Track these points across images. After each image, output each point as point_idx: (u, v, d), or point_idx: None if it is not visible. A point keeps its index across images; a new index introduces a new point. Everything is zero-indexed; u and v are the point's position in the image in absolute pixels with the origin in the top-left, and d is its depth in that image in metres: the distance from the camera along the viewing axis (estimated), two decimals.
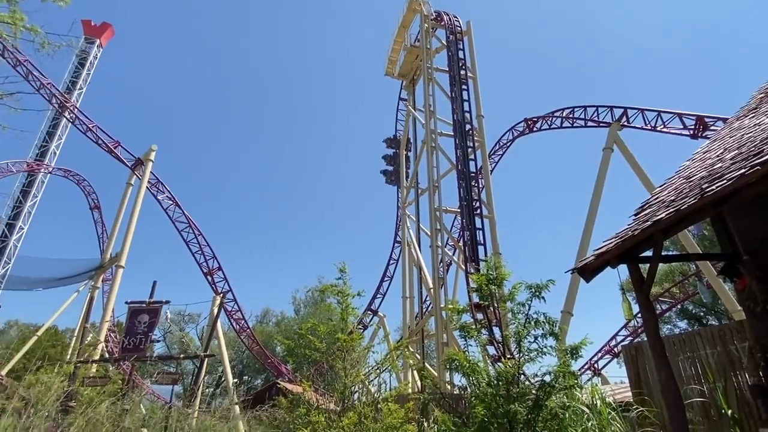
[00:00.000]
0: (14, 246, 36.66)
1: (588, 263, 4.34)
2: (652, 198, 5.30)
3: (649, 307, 4.23)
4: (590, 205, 20.92)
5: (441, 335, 19.38)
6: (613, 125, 22.64)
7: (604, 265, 4.33)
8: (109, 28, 47.05)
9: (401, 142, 32.57)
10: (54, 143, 40.00)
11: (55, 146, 40.11)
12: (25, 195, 38.07)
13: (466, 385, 5.47)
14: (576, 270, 4.61)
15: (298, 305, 58.02)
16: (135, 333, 10.43)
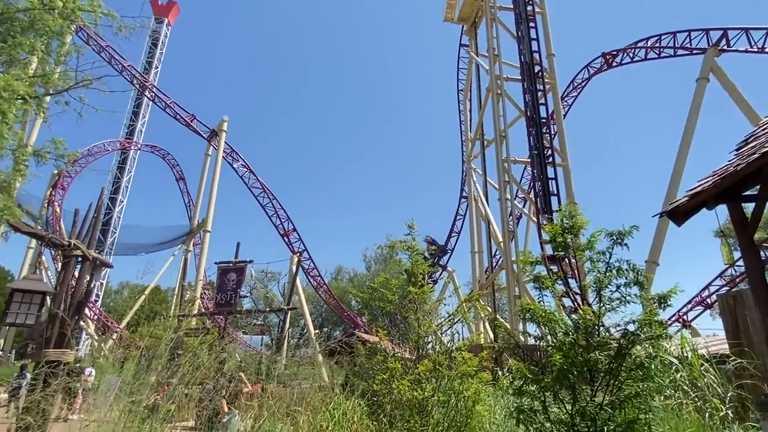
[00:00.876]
0: (118, 217, 41.28)
1: (680, 205, 3.94)
2: (758, 129, 4.63)
3: (753, 250, 3.79)
4: (681, 143, 18.89)
5: (513, 288, 19.12)
6: (708, 51, 19.85)
7: (700, 206, 3.91)
8: (175, 6, 48.97)
9: (464, 92, 31.21)
10: (139, 122, 43.53)
11: (140, 124, 43.67)
12: (122, 171, 42.27)
13: (542, 335, 5.37)
14: (666, 213, 4.22)
15: (368, 262, 60.11)
16: (225, 290, 11.49)
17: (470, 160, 28.20)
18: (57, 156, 12.41)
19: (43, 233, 4.30)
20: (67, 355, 3.79)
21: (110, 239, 39.89)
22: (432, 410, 6.26)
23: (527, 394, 4.89)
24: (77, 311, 4.05)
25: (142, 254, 39.73)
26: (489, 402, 7.20)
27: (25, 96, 10.90)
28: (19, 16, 10.68)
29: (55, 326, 3.78)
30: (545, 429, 4.73)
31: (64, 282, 3.98)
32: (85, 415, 7.20)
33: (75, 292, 4.07)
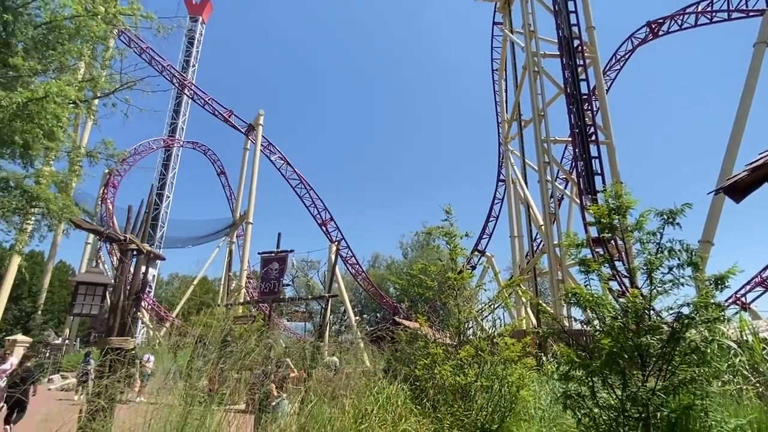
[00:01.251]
0: (165, 212, 43.30)
1: (739, 180, 3.67)
2: None
3: None
4: (737, 115, 17.58)
5: (555, 272, 18.64)
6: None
7: (761, 180, 3.62)
8: (208, 3, 50.09)
9: (499, 71, 30.29)
10: (180, 119, 45.18)
11: (181, 122, 45.33)
12: (166, 167, 44.18)
13: (588, 319, 5.22)
14: (723, 189, 3.95)
15: (405, 249, 60.22)
16: (269, 279, 11.87)
17: (507, 142, 27.47)
18: (107, 156, 13.13)
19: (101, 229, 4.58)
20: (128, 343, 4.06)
21: (159, 233, 41.97)
22: (475, 395, 6.25)
23: (574, 379, 4.78)
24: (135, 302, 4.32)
25: (189, 247, 41.66)
26: (534, 387, 7.11)
27: (76, 100, 11.56)
28: (66, 23, 11.28)
29: (117, 316, 4.05)
30: (594, 414, 4.62)
31: (122, 274, 4.24)
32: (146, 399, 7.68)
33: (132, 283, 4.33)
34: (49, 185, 11.98)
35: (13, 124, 9.75)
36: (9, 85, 9.98)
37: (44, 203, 11.41)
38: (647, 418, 4.29)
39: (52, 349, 22.88)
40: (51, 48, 11.29)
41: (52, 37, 11.24)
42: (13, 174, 11.49)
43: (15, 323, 27.08)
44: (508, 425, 6.08)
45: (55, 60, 11.58)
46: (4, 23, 10.38)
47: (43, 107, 9.91)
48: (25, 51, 10.78)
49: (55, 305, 41.02)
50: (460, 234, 8.28)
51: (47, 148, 11.53)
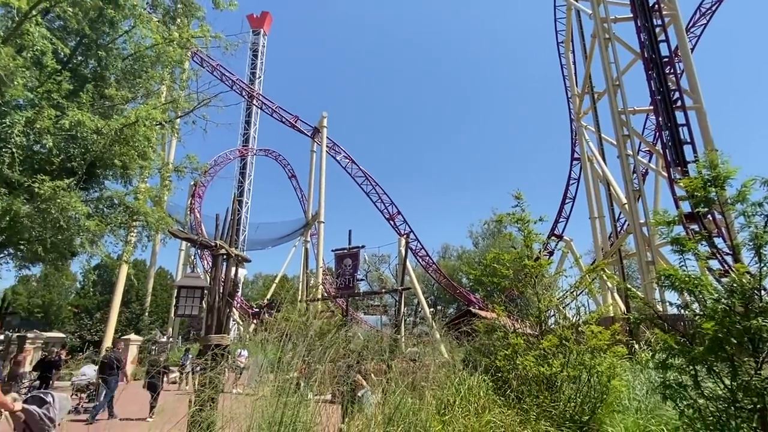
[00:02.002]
0: (245, 217, 46.25)
1: None
2: None
3: None
4: None
5: (644, 253, 17.26)
6: None
7: None
8: (268, 15, 52.45)
9: (565, 43, 28.48)
10: (252, 129, 47.91)
11: (253, 131, 48.05)
12: (243, 175, 47.14)
13: (685, 303, 4.79)
14: None
15: (475, 238, 59.03)
16: (344, 275, 12.31)
17: (580, 118, 25.79)
18: (192, 169, 14.32)
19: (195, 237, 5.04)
20: (225, 340, 4.43)
21: (242, 237, 44.98)
22: (562, 386, 6.00)
23: (673, 368, 4.42)
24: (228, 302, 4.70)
25: (269, 248, 44.25)
26: (626, 377, 6.67)
27: (162, 121, 12.74)
28: (148, 52, 12.44)
29: (214, 315, 4.44)
30: (698, 405, 4.23)
31: (215, 278, 4.64)
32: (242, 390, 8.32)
33: (225, 285, 4.71)
34: (146, 200, 13.33)
35: (113, 148, 10.95)
36: (106, 114, 11.23)
37: (144, 216, 12.70)
38: (763, 409, 3.85)
39: (159, 347, 25.55)
40: (137, 76, 12.53)
41: (137, 66, 12.45)
42: (116, 192, 12.93)
43: (128, 324, 30.64)
44: (599, 416, 5.77)
45: (142, 87, 12.84)
46: (99, 59, 11.68)
47: (136, 131, 11.03)
48: (117, 82, 12.06)
49: (158, 307, 45.71)
50: (534, 219, 7.95)
51: (142, 166, 12.81)
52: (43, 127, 9.46)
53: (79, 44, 11.68)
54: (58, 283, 50.53)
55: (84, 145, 10.40)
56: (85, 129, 9.87)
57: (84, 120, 9.71)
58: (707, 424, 4.17)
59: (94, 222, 10.59)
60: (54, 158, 10.16)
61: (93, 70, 12.12)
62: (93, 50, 11.62)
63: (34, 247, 10.96)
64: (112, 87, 11.45)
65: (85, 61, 12.10)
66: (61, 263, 14.88)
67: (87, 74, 11.93)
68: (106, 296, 37.70)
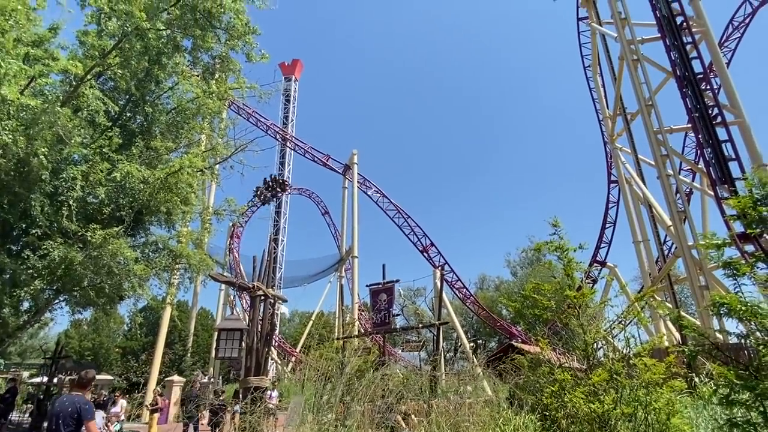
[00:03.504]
0: (281, 254, 47.13)
1: None
2: None
3: None
4: None
5: (696, 278, 16.25)
6: None
7: None
8: (299, 62, 55.19)
9: (592, 67, 28.31)
10: (286, 169, 49.57)
11: (287, 171, 49.70)
12: (278, 214, 48.41)
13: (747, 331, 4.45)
14: None
15: (513, 267, 57.48)
16: (379, 310, 12.19)
17: (614, 140, 25.20)
18: (231, 212, 14.91)
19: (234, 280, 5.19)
20: (264, 381, 4.45)
21: (278, 274, 45.72)
22: (616, 424, 5.59)
23: (738, 403, 4.05)
24: (267, 342, 4.74)
25: (305, 285, 44.65)
26: (687, 414, 6.16)
27: (203, 168, 13.44)
28: (189, 105, 13.32)
29: (252, 357, 4.48)
30: None
31: (254, 319, 4.71)
32: None
33: (262, 327, 4.78)
34: (188, 243, 13.89)
35: (158, 196, 11.60)
36: (152, 165, 11.98)
37: (186, 259, 13.21)
38: None
39: (201, 387, 25.83)
40: (180, 128, 13.37)
41: (180, 118, 13.32)
42: (160, 237, 13.56)
43: (171, 366, 31.27)
44: None
45: (184, 137, 13.67)
46: (145, 114, 12.59)
47: (179, 178, 11.67)
48: (161, 134, 12.90)
49: (200, 347, 46.52)
50: (573, 247, 7.69)
51: (184, 212, 13.45)
52: (96, 179, 10.18)
53: (128, 102, 12.66)
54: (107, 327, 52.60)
55: (132, 195, 11.07)
56: (133, 179, 10.54)
57: (132, 171, 10.39)
58: None
59: (140, 266, 11.09)
60: (105, 208, 10.84)
61: (140, 125, 13.06)
62: (140, 107, 12.56)
63: (86, 292, 11.55)
64: (157, 139, 12.26)
65: (133, 117, 13.06)
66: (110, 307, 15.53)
67: (134, 128, 12.85)
68: (151, 338, 38.80)
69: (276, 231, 47.65)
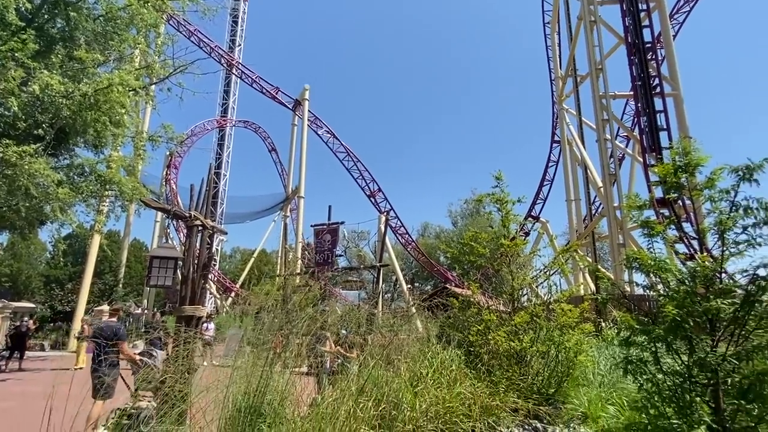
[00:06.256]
0: (223, 189, 45.44)
1: None
2: None
3: None
4: None
5: (616, 236, 17.80)
6: None
7: None
8: None
9: (551, 24, 28.37)
10: (231, 99, 46.56)
11: (232, 102, 46.72)
12: (221, 147, 46.04)
13: (651, 284, 4.99)
14: None
15: (454, 217, 59.67)
16: (322, 250, 12.35)
17: (562, 100, 25.97)
18: (168, 139, 13.93)
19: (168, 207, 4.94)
20: (200, 311, 4.41)
21: (219, 210, 44.31)
22: (531, 360, 6.24)
23: (635, 345, 4.63)
24: (203, 273, 4.66)
25: (247, 222, 43.79)
26: (592, 353, 6.97)
27: (136, 88, 12.26)
28: (120, 14, 11.85)
29: (188, 287, 4.40)
30: (657, 380, 4.47)
31: (190, 249, 4.57)
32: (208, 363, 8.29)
33: (199, 257, 4.66)
34: (119, 169, 12.94)
35: (84, 114, 10.52)
36: (76, 78, 10.73)
37: (117, 186, 12.37)
38: (717, 384, 4.09)
39: (133, 318, 25.29)
40: (109, 39, 11.95)
41: (109, 27, 11.87)
42: (87, 160, 12.50)
43: (100, 295, 30.15)
44: (565, 390, 6.04)
45: (114, 50, 12.26)
46: (68, 18, 11.07)
47: (108, 96, 10.60)
48: (87, 44, 11.48)
49: (133, 279, 45.04)
50: (512, 200, 8.06)
51: (114, 134, 12.38)
52: (7, 88, 9.00)
53: (45, 1, 11.03)
54: (27, 252, 49.10)
55: (53, 110, 9.95)
56: (53, 92, 9.43)
57: (53, 83, 9.27)
58: (663, 398, 4.41)
59: (64, 190, 10.26)
60: (19, 122, 9.71)
61: (61, 31, 11.51)
62: (61, 8, 11.00)
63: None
64: (83, 49, 10.91)
65: (53, 20, 11.46)
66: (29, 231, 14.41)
67: (55, 34, 11.32)
68: (79, 267, 36.87)
69: (218, 164, 45.51)
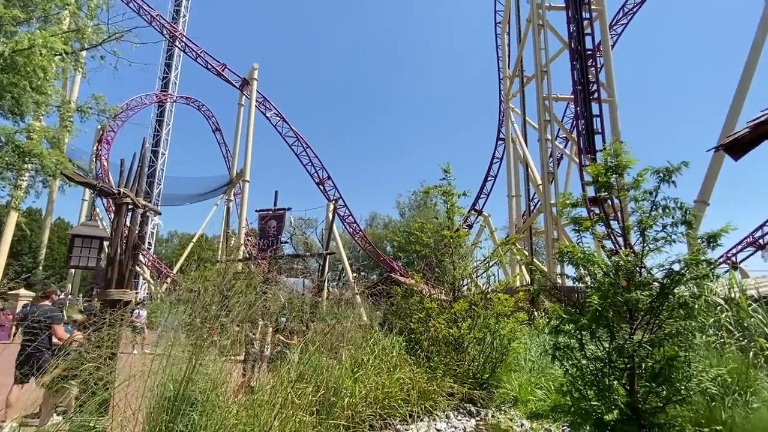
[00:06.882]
0: (161, 169, 42.89)
1: (740, 137, 3.64)
2: None
3: None
4: (743, 72, 17.16)
5: (551, 231, 18.84)
6: None
7: (762, 138, 3.59)
8: None
9: (502, 24, 29.20)
10: (173, 73, 43.83)
11: (174, 76, 43.99)
12: (160, 124, 43.31)
13: (580, 276, 5.33)
14: (722, 147, 3.92)
15: (402, 209, 60.39)
16: (267, 236, 12.03)
17: (508, 99, 26.91)
18: (99, 111, 12.85)
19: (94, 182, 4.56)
20: (127, 295, 4.13)
21: (156, 190, 41.80)
22: (468, 347, 6.48)
23: (563, 333, 4.94)
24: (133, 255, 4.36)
25: (187, 204, 41.69)
26: (524, 340, 7.37)
27: (63, 52, 11.16)
28: None
29: (115, 269, 4.10)
30: (581, 365, 4.81)
31: (118, 228, 4.26)
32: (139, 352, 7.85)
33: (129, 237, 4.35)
34: (41, 140, 11.79)
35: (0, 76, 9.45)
36: None
37: (38, 159, 11.28)
38: (632, 368, 4.47)
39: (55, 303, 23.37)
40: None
41: None
42: (3, 129, 11.27)
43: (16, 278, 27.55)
44: (498, 375, 6.35)
45: (39, 8, 11.08)
46: None
47: (29, 59, 9.58)
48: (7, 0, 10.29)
49: (56, 261, 41.53)
50: (458, 193, 8.29)
51: (36, 102, 11.25)
52: None
53: None
54: None
55: None
56: None
57: None
58: (586, 381, 4.76)
59: None
60: None
61: None
62: None
63: None
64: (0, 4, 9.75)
65: None
66: None
67: None
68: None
69: (156, 142, 42.83)
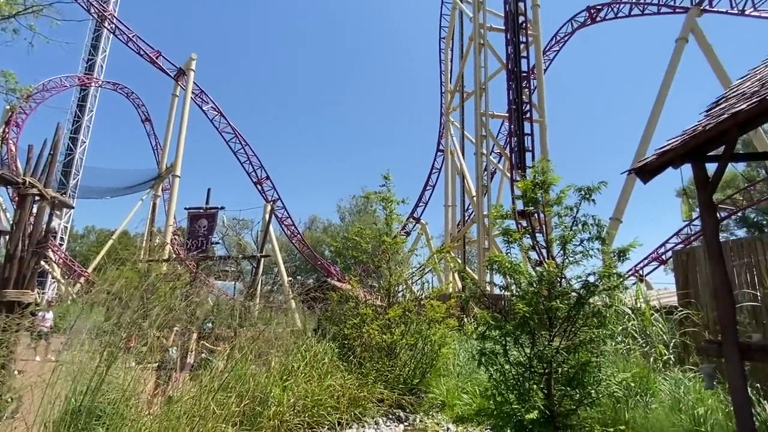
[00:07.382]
0: (80, 159, 39.34)
1: (648, 163, 4.04)
2: (729, 91, 4.71)
3: (712, 208, 3.97)
4: (654, 104, 19.16)
5: (483, 241, 19.68)
6: (691, 10, 19.76)
7: (666, 164, 4.01)
8: None
9: (446, 40, 30.25)
10: (99, 56, 40.51)
11: (101, 59, 40.68)
12: (82, 109, 39.76)
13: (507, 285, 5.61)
14: (634, 170, 4.33)
15: (343, 213, 60.11)
16: (196, 236, 11.38)
17: (449, 113, 27.87)
18: (8, 90, 11.55)
19: None
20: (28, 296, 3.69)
21: (73, 181, 38.20)
22: (400, 352, 6.56)
23: (490, 338, 5.17)
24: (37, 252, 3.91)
25: (107, 198, 38.41)
26: (454, 346, 7.60)
27: None
28: None
29: (14, 267, 3.65)
30: (504, 370, 5.05)
31: (21, 221, 3.79)
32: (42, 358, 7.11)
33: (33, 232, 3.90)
34: None
35: None
36: None
37: None
38: (550, 373, 4.77)
39: None
40: None
41: None
42: None
43: None
44: (428, 380, 6.48)
45: None
46: None
47: None
48: None
49: None
50: (397, 200, 8.42)
51: None
52: None
53: None
54: None
55: None
56: None
57: None
58: (508, 386, 5.00)
59: None
60: None
61: None
62: None
63: None
64: None
65: None
66: None
67: None
68: None
69: (76, 129, 39.27)
